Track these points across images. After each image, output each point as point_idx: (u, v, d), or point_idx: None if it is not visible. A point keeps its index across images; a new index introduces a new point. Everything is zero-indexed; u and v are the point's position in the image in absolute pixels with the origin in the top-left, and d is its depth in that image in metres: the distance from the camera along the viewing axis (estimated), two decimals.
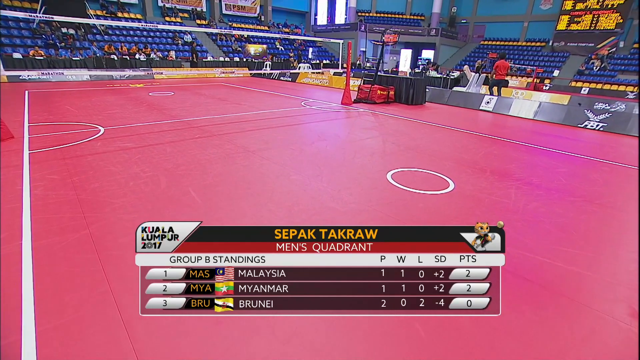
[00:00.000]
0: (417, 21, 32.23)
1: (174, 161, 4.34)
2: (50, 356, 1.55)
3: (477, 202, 3.43)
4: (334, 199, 3.38)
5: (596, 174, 4.69)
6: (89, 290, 1.98)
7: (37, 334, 1.64)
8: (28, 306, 1.81)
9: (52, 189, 3.38)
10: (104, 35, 19.93)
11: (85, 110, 7.65)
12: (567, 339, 1.81)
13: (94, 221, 2.76)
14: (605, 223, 3.23)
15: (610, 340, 1.82)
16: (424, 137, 6.26)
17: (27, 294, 1.90)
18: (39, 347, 1.57)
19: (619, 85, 20.51)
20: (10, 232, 2.58)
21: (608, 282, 2.31)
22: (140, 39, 21.04)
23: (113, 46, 18.89)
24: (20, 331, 1.65)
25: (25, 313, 1.77)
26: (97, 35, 19.66)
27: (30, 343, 1.59)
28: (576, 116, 8.12)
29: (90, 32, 19.65)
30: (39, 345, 1.58)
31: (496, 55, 16.96)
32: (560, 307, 2.05)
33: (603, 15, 22.67)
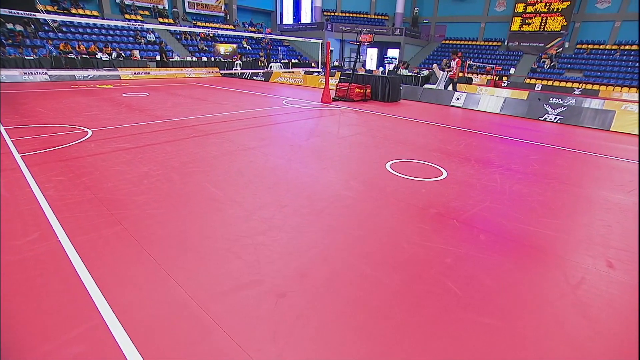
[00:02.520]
0: (381, 21, 33.19)
1: (179, 159, 4.41)
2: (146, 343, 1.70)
3: (470, 186, 3.85)
4: (346, 187, 3.65)
5: (561, 160, 5.32)
6: (145, 275, 2.11)
7: (122, 322, 1.77)
8: (97, 297, 1.93)
9: (65, 190, 3.38)
10: (58, 32, 18.81)
11: (60, 112, 7.36)
12: (565, 285, 2.21)
13: (123, 217, 2.85)
14: (575, 198, 3.76)
15: (597, 285, 2.24)
16: (408, 132, 6.69)
17: (91, 286, 2.01)
18: (133, 337, 1.71)
19: (567, 82, 22.45)
20: (40, 231, 2.61)
21: (586, 242, 2.78)
22: (99, 38, 20.02)
23: (70, 45, 17.90)
24: (100, 317, 1.78)
25: (99, 304, 1.88)
26: (50, 33, 18.52)
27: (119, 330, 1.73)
28: (537, 110, 8.96)
29: (42, 29, 18.45)
30: (132, 335, 1.71)
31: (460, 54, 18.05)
32: (554, 263, 2.46)
33: (550, 18, 24.67)
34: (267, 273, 2.18)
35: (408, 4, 32.46)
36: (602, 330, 1.87)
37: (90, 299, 1.89)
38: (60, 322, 1.73)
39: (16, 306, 1.83)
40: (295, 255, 2.40)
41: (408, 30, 30.32)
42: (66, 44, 17.81)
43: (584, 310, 2.03)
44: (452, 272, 2.31)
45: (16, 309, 1.82)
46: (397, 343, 1.71)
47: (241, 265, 2.25)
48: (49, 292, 1.95)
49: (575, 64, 23.77)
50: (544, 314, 1.98)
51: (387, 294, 2.06)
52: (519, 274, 2.34)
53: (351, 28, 29.71)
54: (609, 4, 23.37)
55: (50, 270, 2.14)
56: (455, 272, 2.32)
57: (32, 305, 1.84)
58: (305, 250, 2.48)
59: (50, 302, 1.87)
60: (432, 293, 2.09)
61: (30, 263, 2.20)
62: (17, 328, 1.69)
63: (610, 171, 4.87)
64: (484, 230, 2.89)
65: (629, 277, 2.36)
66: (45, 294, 1.93)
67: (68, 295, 1.93)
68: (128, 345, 1.59)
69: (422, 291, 2.10)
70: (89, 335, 1.65)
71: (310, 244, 2.57)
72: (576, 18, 24.61)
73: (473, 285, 2.19)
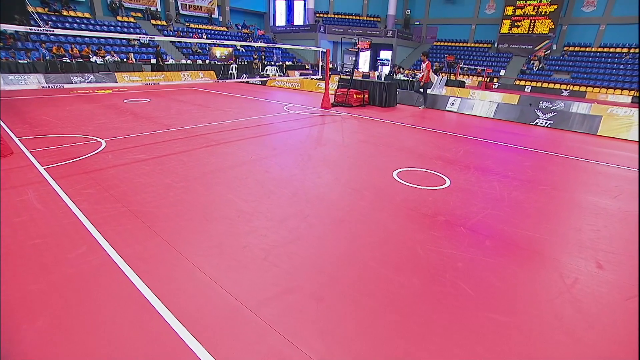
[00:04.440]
0: (373, 22, 33.59)
1: (197, 170, 4.65)
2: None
3: (472, 194, 4.18)
4: (360, 197, 3.95)
5: (553, 165, 5.70)
6: (196, 285, 2.37)
7: (188, 328, 2.03)
8: (158, 305, 2.18)
9: (97, 203, 3.60)
10: (50, 35, 18.69)
11: (68, 120, 7.51)
12: (561, 285, 2.54)
13: (161, 230, 3.09)
14: (567, 204, 4.12)
15: (589, 284, 2.58)
16: (408, 139, 7.03)
17: (150, 296, 2.26)
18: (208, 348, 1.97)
19: (555, 84, 23.13)
20: (87, 244, 2.84)
21: (578, 246, 3.12)
22: (92, 40, 19.89)
23: (62, 47, 17.78)
24: (166, 324, 2.04)
25: (163, 313, 2.14)
26: (42, 36, 18.39)
27: (186, 335, 1.99)
28: (528, 115, 9.40)
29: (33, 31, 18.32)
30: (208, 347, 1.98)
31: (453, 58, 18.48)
32: (551, 265, 2.80)
33: (538, 21, 25.36)
34: (303, 279, 2.47)
35: (400, 5, 32.92)
36: (594, 323, 2.20)
37: (152, 307, 2.15)
38: (133, 332, 1.98)
39: (91, 316, 2.08)
40: (324, 263, 2.69)
41: (400, 32, 30.79)
42: (59, 47, 17.68)
43: (578, 306, 2.36)
44: (464, 275, 2.62)
45: (90, 319, 2.06)
46: (426, 338, 2.01)
47: (279, 272, 2.53)
48: (114, 301, 2.20)
49: (563, 65, 24.50)
50: (544, 310, 2.30)
51: (411, 296, 2.36)
52: (522, 275, 2.67)
53: (344, 30, 30.07)
54: (595, 8, 24.13)
55: (109, 281, 2.38)
56: (466, 274, 2.63)
57: (105, 318, 2.09)
58: (332, 257, 2.77)
59: (119, 313, 2.12)
60: (449, 294, 2.40)
61: (89, 275, 2.44)
62: (87, 339, 1.94)
63: (597, 176, 5.26)
64: (489, 236, 3.21)
65: (616, 276, 2.71)
66: (112, 304, 2.18)
67: (132, 305, 2.18)
68: (198, 348, 1.86)
69: (441, 292, 2.41)
70: (162, 339, 1.91)
71: (336, 251, 2.86)
72: (563, 21, 25.35)
73: (483, 286, 2.51)
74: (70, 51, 18.00)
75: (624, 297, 2.48)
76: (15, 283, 2.33)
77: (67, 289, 2.29)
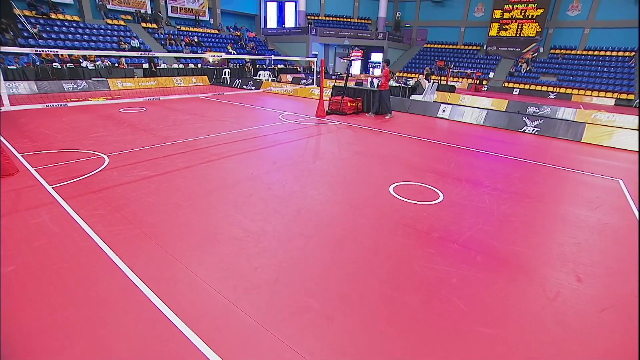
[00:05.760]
0: (364, 25, 33.92)
1: (201, 187, 4.84)
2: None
3: (464, 208, 4.46)
4: (360, 215, 4.20)
5: (539, 176, 6.04)
6: (218, 307, 2.58)
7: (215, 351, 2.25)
8: (184, 329, 2.40)
9: (111, 225, 3.77)
10: (38, 39, 18.48)
11: (66, 133, 7.60)
12: (544, 299, 2.83)
13: (178, 254, 3.28)
14: (552, 217, 4.44)
15: (569, 297, 2.87)
16: (402, 151, 7.31)
17: (176, 321, 2.47)
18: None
19: (542, 86, 23.75)
20: (106, 268, 3.03)
21: (561, 260, 3.42)
22: (82, 44, 19.72)
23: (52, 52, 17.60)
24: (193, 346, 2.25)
25: (190, 337, 2.35)
26: (30, 40, 18.17)
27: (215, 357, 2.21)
28: (516, 122, 9.79)
29: (20, 35, 18.09)
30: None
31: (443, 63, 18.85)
32: (536, 280, 3.08)
33: (526, 24, 25.98)
34: (314, 298, 2.70)
35: (390, 8, 33.34)
36: (574, 334, 2.49)
37: (178, 330, 2.36)
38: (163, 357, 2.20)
39: (124, 344, 2.28)
40: (331, 282, 2.93)
41: (391, 35, 31.17)
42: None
43: (560, 318, 2.64)
44: (458, 291, 2.88)
45: (124, 347, 2.27)
46: (426, 352, 2.26)
47: (291, 293, 2.76)
48: (142, 325, 2.40)
49: (550, 68, 25.17)
50: (530, 323, 2.58)
51: (412, 313, 2.61)
52: (509, 289, 2.95)
53: (335, 32, 30.36)
54: (579, 12, 24.83)
55: (135, 309, 2.58)
56: (460, 290, 2.90)
57: (137, 344, 2.29)
58: (338, 276, 3.01)
59: (149, 336, 2.33)
60: (445, 310, 2.66)
61: (115, 302, 2.64)
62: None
63: (580, 187, 5.61)
64: (480, 252, 3.49)
65: (593, 289, 3.01)
66: (140, 328, 2.39)
67: (159, 328, 2.38)
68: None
69: (438, 309, 2.67)
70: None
71: (341, 272, 3.10)
72: (549, 24, 26.02)
73: (475, 301, 2.77)
74: (59, 56, 17.80)
75: (599, 309, 2.78)
76: (46, 311, 2.51)
77: (97, 317, 2.47)
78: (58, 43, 19.09)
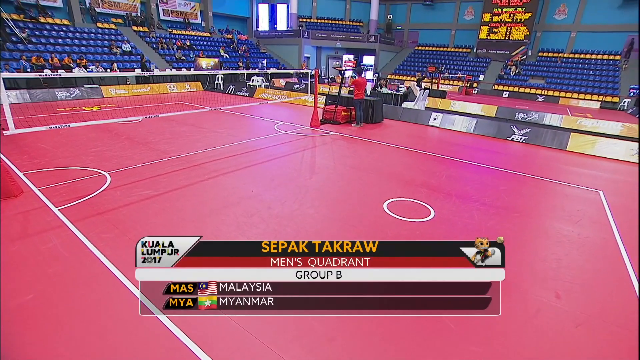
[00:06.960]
0: (356, 27, 34.18)
1: (205, 206, 5.03)
2: None
3: (453, 226, 4.74)
4: (356, 233, 4.45)
5: (525, 188, 6.36)
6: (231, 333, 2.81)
7: None
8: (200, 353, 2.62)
9: (120, 249, 3.94)
10: (27, 44, 18.28)
11: (65, 147, 7.68)
12: (525, 316, 3.11)
13: None
14: (536, 232, 4.74)
15: (548, 314, 3.15)
16: (395, 163, 7.58)
17: (195, 349, 2.69)
18: None
19: (531, 89, 24.30)
20: (123, 295, 3.22)
21: (542, 276, 3.71)
22: (72, 49, 19.53)
23: (42, 57, 17.43)
24: None
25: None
26: (19, 44, 17.97)
27: None
28: (505, 131, 10.15)
29: (9, 39, 17.89)
30: None
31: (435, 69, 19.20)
32: (519, 297, 3.36)
33: (514, 28, 26.51)
34: (315, 321, 2.94)
35: (382, 10, 33.63)
36: (551, 348, 2.77)
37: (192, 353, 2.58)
38: None
39: None
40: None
41: (382, 37, 31.47)
42: (39, 57, 17.26)
43: (540, 334, 2.92)
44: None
45: None
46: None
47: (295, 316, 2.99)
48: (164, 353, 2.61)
49: (538, 70, 25.73)
50: (512, 340, 2.86)
51: (406, 332, 2.87)
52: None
53: (327, 35, 30.58)
54: (566, 16, 25.43)
55: (160, 338, 2.79)
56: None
57: None
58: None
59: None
60: (436, 329, 2.92)
61: (139, 332, 2.84)
62: None
63: (564, 200, 5.94)
64: None
65: (570, 305, 3.29)
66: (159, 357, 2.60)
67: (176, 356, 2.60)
68: None
69: (429, 328, 2.93)
70: None
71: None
72: (537, 28, 26.58)
73: (463, 321, 3.04)
74: (50, 61, 17.63)
75: (575, 324, 3.06)
76: (75, 345, 2.70)
77: (123, 347, 2.68)
78: (48, 48, 18.87)
